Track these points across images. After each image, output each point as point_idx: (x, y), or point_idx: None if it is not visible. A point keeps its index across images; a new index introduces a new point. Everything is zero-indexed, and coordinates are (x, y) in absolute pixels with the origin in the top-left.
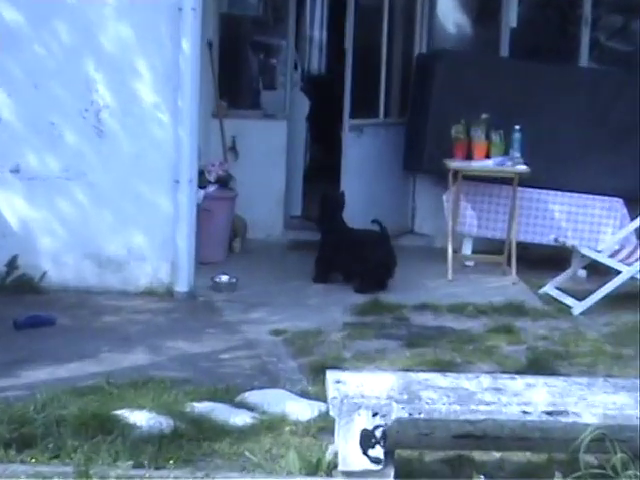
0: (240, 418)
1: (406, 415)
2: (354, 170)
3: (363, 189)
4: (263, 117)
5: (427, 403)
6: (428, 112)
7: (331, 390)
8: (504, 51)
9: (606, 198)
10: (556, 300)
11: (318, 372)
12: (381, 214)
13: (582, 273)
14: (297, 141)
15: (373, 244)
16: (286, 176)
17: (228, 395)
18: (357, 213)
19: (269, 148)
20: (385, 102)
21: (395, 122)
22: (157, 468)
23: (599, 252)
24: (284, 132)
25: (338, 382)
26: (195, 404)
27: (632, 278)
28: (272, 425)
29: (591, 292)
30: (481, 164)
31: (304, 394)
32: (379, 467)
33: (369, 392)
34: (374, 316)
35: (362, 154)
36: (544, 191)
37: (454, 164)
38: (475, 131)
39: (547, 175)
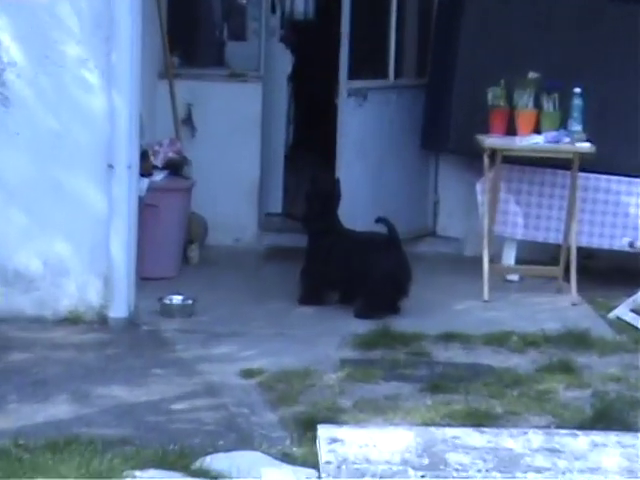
0: None
1: None
2: (354, 150)
3: (366, 176)
4: (229, 78)
5: (456, 470)
6: (455, 71)
7: (324, 452)
8: None
9: None
10: (632, 327)
11: (306, 428)
12: (390, 210)
13: None
14: (276, 111)
15: (379, 251)
16: (261, 159)
17: (183, 460)
18: (358, 209)
19: (238, 121)
20: (396, 57)
21: (410, 84)
22: None
23: None
24: (258, 98)
25: (334, 441)
26: (137, 473)
27: None
28: None
29: None
30: (528, 141)
31: (287, 458)
32: None
33: (377, 455)
34: (383, 350)
35: (365, 128)
36: (614, 178)
37: (491, 141)
38: (520, 96)
39: (619, 156)
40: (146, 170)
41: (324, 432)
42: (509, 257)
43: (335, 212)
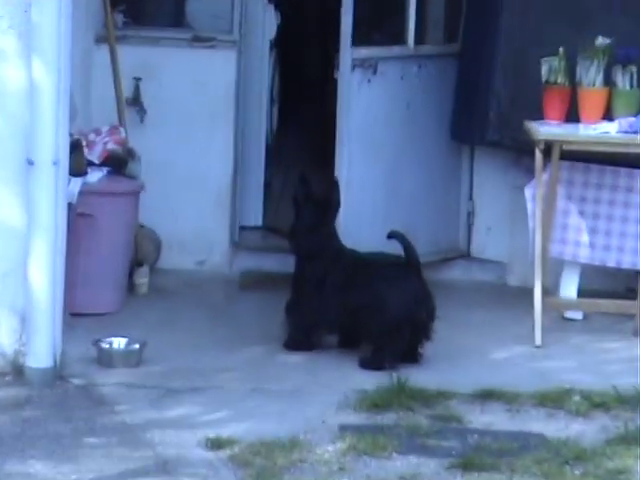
0: None
1: None
2: (359, 141)
3: (376, 176)
4: (192, 43)
5: None
6: (497, 35)
7: None
8: None
9: None
10: None
11: None
12: (409, 223)
13: None
14: (255, 88)
15: (392, 279)
16: (235, 152)
17: None
18: (364, 221)
19: (204, 101)
20: (418, 17)
21: (436, 53)
22: None
23: None
24: (231, 71)
25: None
26: None
27: None
28: None
29: None
30: (596, 130)
31: None
32: None
33: None
34: (397, 413)
35: (375, 112)
36: None
37: (545, 130)
38: (585, 69)
39: None
40: (78, 168)
41: None
42: (570, 287)
43: (332, 225)
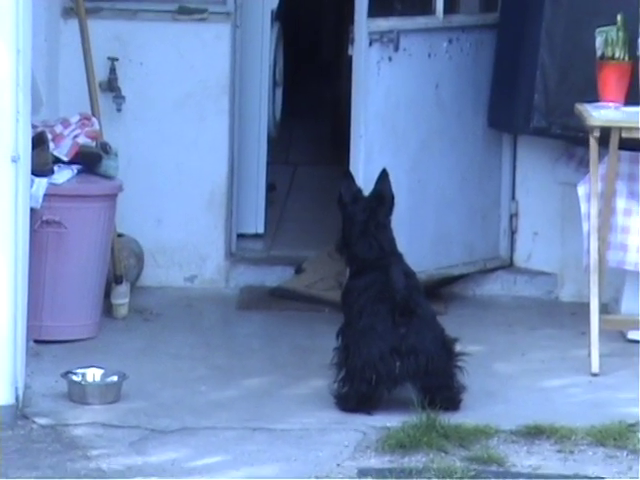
0: None
1: None
2: (379, 130)
3: (399, 171)
4: (178, 16)
5: None
6: (543, 2)
7: None
8: None
9: None
10: None
11: None
12: (440, 226)
13: None
14: (255, 68)
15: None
16: (230, 146)
17: None
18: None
19: (193, 84)
20: None
21: (470, 25)
22: None
23: None
24: (225, 49)
25: None
26: None
27: None
28: None
29: None
30: None
31: None
32: None
33: None
34: (427, 454)
35: (397, 95)
36: None
37: (602, 115)
38: None
39: None
40: (43, 165)
41: None
42: (633, 303)
43: (391, 230)
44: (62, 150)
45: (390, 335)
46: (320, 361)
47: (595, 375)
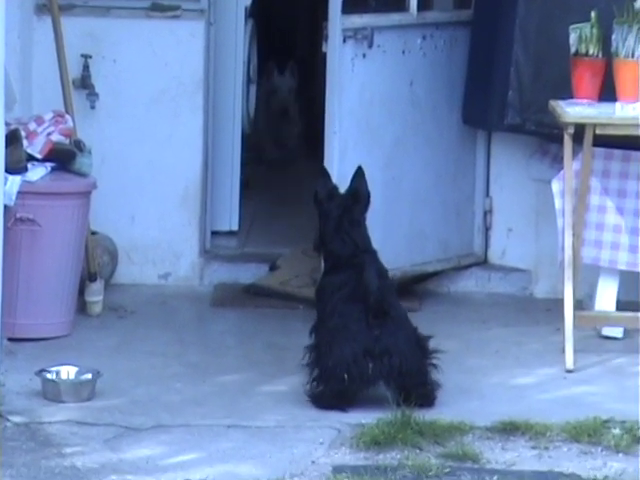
0: None
1: None
2: (353, 127)
3: (373, 169)
4: (151, 12)
5: None
6: (517, 1)
7: None
8: None
9: None
10: None
11: None
12: (414, 223)
13: None
14: (229, 65)
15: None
16: (204, 143)
17: None
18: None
19: (166, 81)
20: None
21: (444, 21)
22: None
23: None
24: (199, 46)
25: None
26: None
27: None
28: None
29: None
30: (635, 110)
31: None
32: None
33: None
34: (401, 451)
35: (371, 92)
36: None
37: (576, 111)
38: (622, 37)
39: None
40: (16, 163)
41: None
42: (607, 299)
43: (365, 227)
44: (36, 147)
45: (363, 336)
46: (295, 358)
47: (570, 371)
